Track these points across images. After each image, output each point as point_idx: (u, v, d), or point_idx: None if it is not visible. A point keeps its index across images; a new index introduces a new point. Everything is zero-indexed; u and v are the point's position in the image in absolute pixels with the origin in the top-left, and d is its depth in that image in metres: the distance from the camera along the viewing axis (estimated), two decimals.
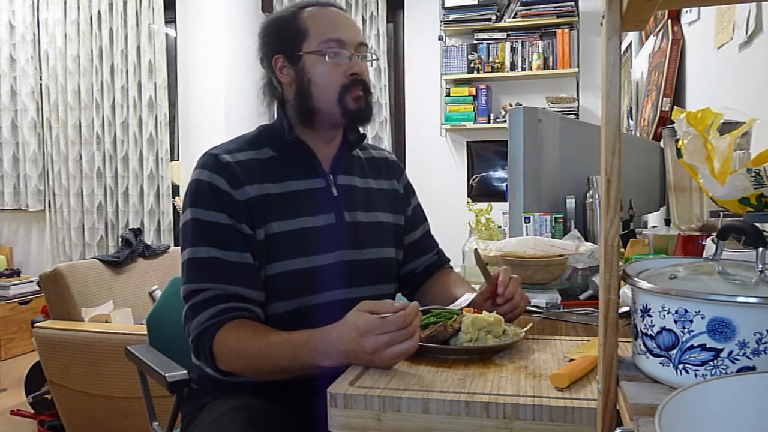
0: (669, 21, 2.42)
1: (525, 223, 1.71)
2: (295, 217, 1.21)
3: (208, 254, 1.15)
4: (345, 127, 1.30)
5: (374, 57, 1.31)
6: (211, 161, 1.21)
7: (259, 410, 1.11)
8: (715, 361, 0.57)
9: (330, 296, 1.23)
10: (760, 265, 0.61)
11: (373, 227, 1.32)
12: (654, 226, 2.34)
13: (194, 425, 1.16)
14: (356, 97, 1.24)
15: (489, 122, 4.18)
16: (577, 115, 4.04)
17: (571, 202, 1.83)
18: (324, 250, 1.22)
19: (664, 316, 0.60)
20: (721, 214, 0.79)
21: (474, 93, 4.18)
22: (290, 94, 1.27)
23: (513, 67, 4.12)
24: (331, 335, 1.00)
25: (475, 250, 1.34)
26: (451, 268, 1.52)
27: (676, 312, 0.59)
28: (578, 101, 4.10)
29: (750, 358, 0.56)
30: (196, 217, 1.17)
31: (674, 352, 0.60)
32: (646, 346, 0.63)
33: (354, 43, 1.25)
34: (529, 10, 4.02)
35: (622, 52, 3.33)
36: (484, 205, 2.19)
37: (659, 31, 2.60)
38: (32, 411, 2.88)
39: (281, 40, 1.26)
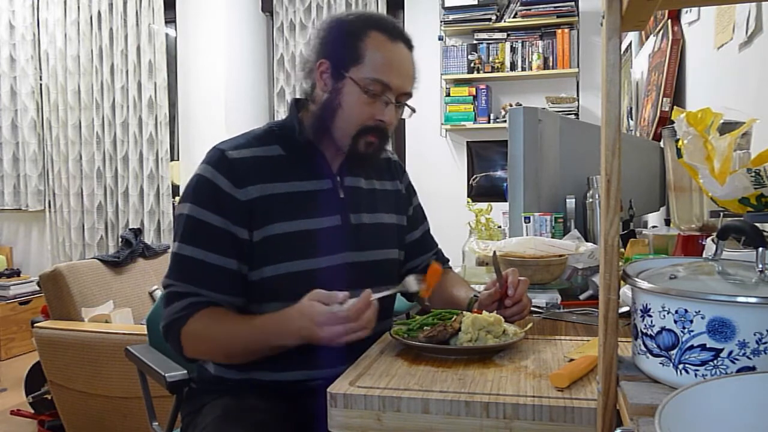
0: (669, 21, 2.42)
1: (525, 223, 1.71)
2: (299, 218, 1.21)
3: (192, 254, 1.17)
4: (346, 156, 1.27)
5: (412, 108, 1.27)
6: (216, 157, 1.20)
7: (261, 410, 1.11)
8: (715, 361, 0.57)
9: None
10: (760, 265, 0.61)
11: (376, 229, 1.32)
12: (654, 226, 2.34)
13: (195, 424, 1.16)
14: (370, 142, 1.23)
15: (489, 122, 4.18)
16: (577, 115, 4.04)
17: (571, 202, 1.83)
18: (327, 252, 1.22)
19: (664, 316, 0.60)
20: (721, 214, 0.79)
21: (474, 93, 4.18)
22: (318, 99, 1.25)
23: (513, 67, 4.12)
24: (290, 323, 1.08)
25: (494, 251, 1.34)
26: (450, 267, 1.52)
27: (676, 312, 0.59)
28: (578, 101, 4.10)
29: (750, 358, 0.56)
30: (190, 214, 1.18)
31: (674, 352, 0.60)
32: (646, 346, 0.63)
33: (399, 92, 1.22)
34: (529, 10, 4.02)
35: (622, 52, 3.33)
36: (484, 205, 2.19)
37: (659, 31, 2.60)
38: (32, 411, 2.88)
39: (336, 50, 1.22)
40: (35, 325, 2.52)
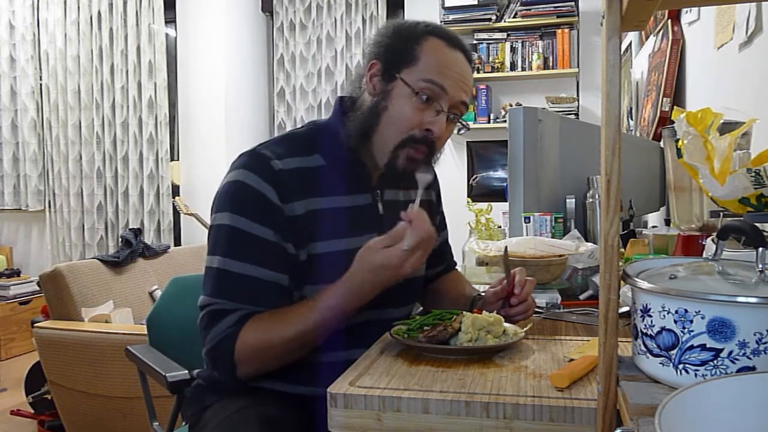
0: (669, 21, 2.42)
1: (525, 223, 1.71)
2: (339, 238, 1.14)
3: (241, 270, 1.07)
4: (384, 170, 1.18)
5: (465, 124, 1.20)
6: (259, 165, 1.10)
7: (270, 408, 1.09)
8: (715, 361, 0.57)
9: (359, 318, 1.16)
10: (760, 265, 0.61)
11: None
12: (654, 226, 2.34)
13: (203, 423, 1.14)
14: (412, 156, 1.13)
15: (489, 122, 4.18)
16: (577, 115, 4.04)
17: (571, 202, 1.83)
18: None
19: (664, 316, 0.60)
20: (721, 214, 0.79)
21: (474, 93, 4.18)
22: (365, 103, 1.17)
23: (513, 67, 4.13)
24: (354, 280, 1.03)
25: (505, 248, 1.32)
26: (456, 270, 1.52)
27: (676, 312, 0.59)
28: (578, 101, 4.10)
29: (750, 358, 0.56)
30: (235, 226, 1.08)
31: (674, 352, 0.60)
32: (646, 346, 0.63)
33: (453, 101, 1.13)
34: (529, 10, 4.02)
35: (622, 52, 3.33)
36: (484, 205, 2.19)
37: (659, 31, 2.60)
38: (32, 411, 2.88)
39: (389, 50, 1.15)
40: (35, 325, 2.52)
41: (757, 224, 0.65)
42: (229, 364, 1.07)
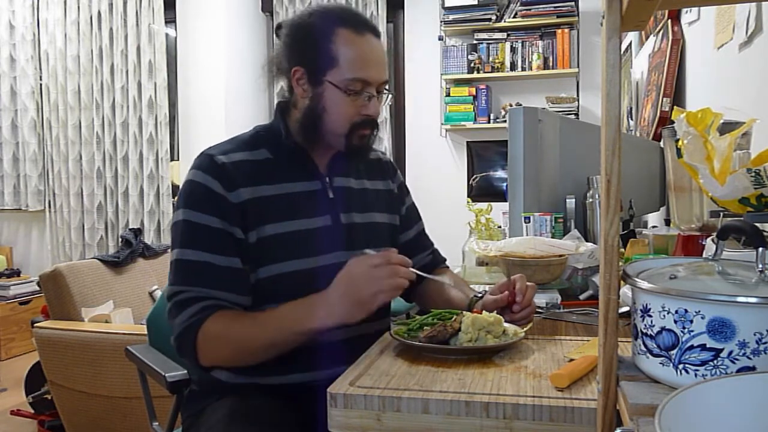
0: (669, 21, 2.42)
1: (525, 223, 1.71)
2: (290, 219, 1.22)
3: (196, 257, 1.16)
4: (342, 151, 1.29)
5: (390, 93, 1.30)
6: (205, 162, 1.21)
7: (264, 410, 1.10)
8: (715, 361, 0.57)
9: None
10: (760, 265, 0.61)
11: (368, 228, 1.32)
12: (654, 226, 2.34)
13: (198, 425, 1.16)
14: (362, 135, 1.25)
15: (489, 122, 4.18)
16: (577, 115, 4.04)
17: (571, 202, 1.83)
18: (319, 252, 1.23)
19: (664, 316, 0.60)
20: (721, 214, 0.79)
21: (474, 93, 4.18)
22: (300, 106, 1.26)
23: (513, 67, 4.12)
24: (326, 294, 1.08)
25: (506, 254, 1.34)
26: (447, 267, 1.52)
27: (676, 312, 0.59)
28: (578, 101, 4.10)
29: (750, 358, 0.56)
30: (187, 219, 1.18)
31: (674, 352, 0.60)
32: (646, 346, 0.63)
33: (378, 83, 1.23)
34: (529, 10, 4.02)
35: (622, 52, 3.33)
36: (484, 205, 2.19)
37: (659, 31, 2.60)
38: (32, 411, 2.88)
39: (307, 56, 1.23)
40: (35, 325, 2.52)
41: (757, 224, 0.65)
42: (192, 352, 1.13)
